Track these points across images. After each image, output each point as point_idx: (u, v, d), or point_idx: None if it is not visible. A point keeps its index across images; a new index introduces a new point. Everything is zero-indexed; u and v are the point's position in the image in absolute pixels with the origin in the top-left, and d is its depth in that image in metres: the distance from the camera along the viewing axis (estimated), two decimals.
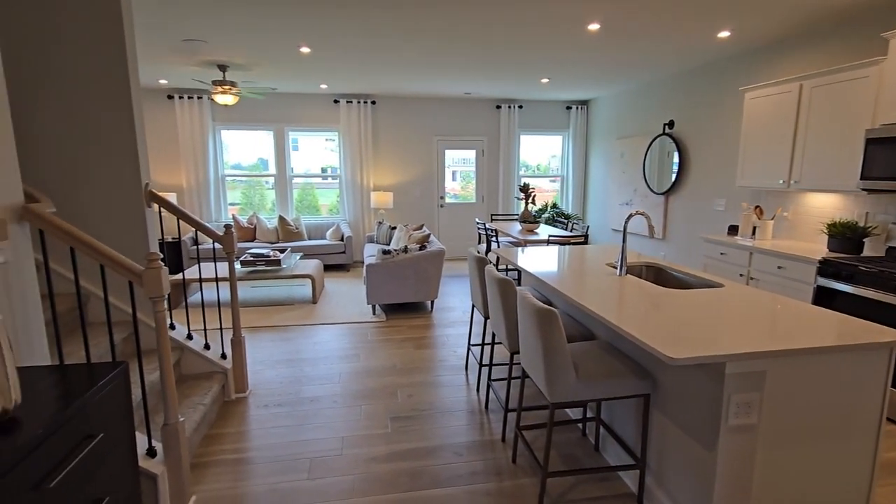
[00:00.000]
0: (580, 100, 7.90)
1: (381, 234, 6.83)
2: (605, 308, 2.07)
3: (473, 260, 3.19)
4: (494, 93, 7.15)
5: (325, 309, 5.11)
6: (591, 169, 7.99)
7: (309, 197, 7.88)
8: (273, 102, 7.19)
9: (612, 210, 7.18)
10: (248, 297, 5.60)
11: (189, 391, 2.84)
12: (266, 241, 6.94)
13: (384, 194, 7.26)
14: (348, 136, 7.35)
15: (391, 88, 6.81)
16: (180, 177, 7.11)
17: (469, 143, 7.87)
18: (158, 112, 6.92)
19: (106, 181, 2.71)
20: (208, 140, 7.00)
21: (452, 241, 8.08)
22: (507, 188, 7.96)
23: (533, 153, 8.33)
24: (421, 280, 4.91)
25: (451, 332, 4.44)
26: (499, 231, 5.87)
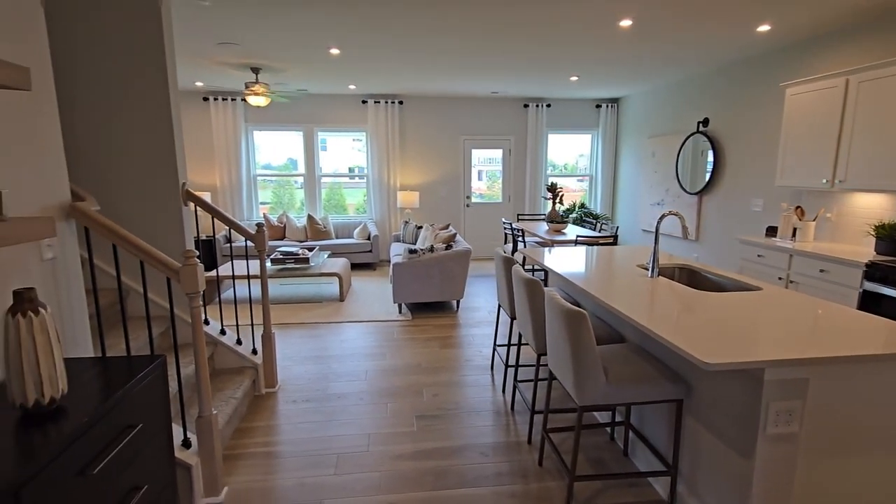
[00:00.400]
0: (610, 98, 7.76)
1: (407, 234, 6.87)
2: (635, 310, 2.02)
3: (500, 260, 3.17)
4: (522, 92, 7.09)
5: (352, 307, 5.17)
6: (620, 168, 7.83)
7: (336, 196, 8.01)
8: (303, 103, 7.32)
9: (643, 210, 7.03)
10: (278, 294, 5.72)
11: (222, 385, 2.92)
12: (295, 239, 7.08)
13: (410, 194, 7.30)
14: (375, 136, 7.42)
15: (418, 88, 6.84)
16: (214, 176, 7.32)
17: (496, 143, 7.84)
18: (194, 113, 7.14)
19: (145, 181, 2.81)
20: (241, 140, 7.19)
21: (478, 241, 8.06)
22: (534, 188, 7.88)
23: (561, 152, 8.22)
24: (447, 279, 4.92)
25: (477, 332, 4.42)
26: (525, 231, 5.83)
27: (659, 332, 1.75)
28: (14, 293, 1.26)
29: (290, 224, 7.11)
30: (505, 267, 3.09)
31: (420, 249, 4.89)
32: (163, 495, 1.67)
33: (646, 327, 1.82)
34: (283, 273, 5.24)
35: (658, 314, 1.97)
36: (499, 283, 3.30)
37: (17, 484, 1.03)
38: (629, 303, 2.15)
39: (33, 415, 1.29)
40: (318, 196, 7.67)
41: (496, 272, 3.36)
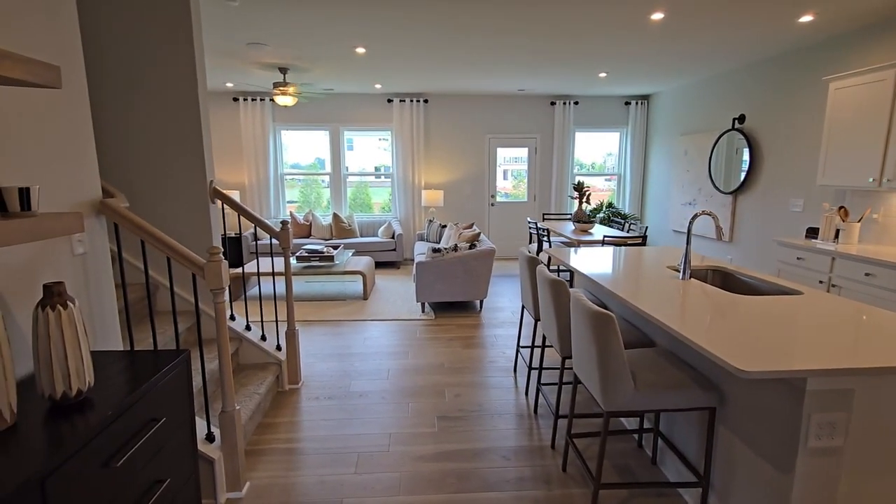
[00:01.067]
0: (640, 95, 7.56)
1: (431, 233, 6.85)
2: (666, 314, 1.94)
3: (524, 260, 3.11)
4: (549, 89, 6.99)
5: (376, 305, 5.18)
6: (650, 167, 7.63)
7: (362, 195, 8.07)
8: (329, 103, 7.39)
9: (674, 210, 6.82)
10: (303, 291, 5.79)
11: (246, 380, 2.96)
12: (320, 237, 7.15)
13: (435, 192, 7.28)
14: (401, 135, 7.43)
15: (444, 87, 6.81)
16: (243, 175, 7.47)
17: (522, 141, 7.74)
18: (224, 114, 7.30)
19: (174, 179, 2.87)
20: (269, 140, 7.31)
21: (503, 241, 7.99)
22: (560, 187, 7.76)
23: (588, 150, 8.07)
24: (470, 279, 4.87)
25: (501, 333, 4.37)
26: (551, 231, 5.73)
27: (691, 337, 1.67)
28: (44, 287, 1.29)
29: (316, 222, 7.19)
30: (529, 267, 3.04)
31: (444, 248, 4.86)
32: (185, 489, 1.69)
33: (677, 332, 1.74)
34: (307, 271, 5.30)
35: (690, 318, 1.88)
36: (523, 283, 3.24)
37: (42, 473, 1.05)
38: (659, 306, 2.06)
39: (61, 406, 1.31)
40: (344, 195, 7.74)
41: (520, 272, 3.30)
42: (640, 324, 2.66)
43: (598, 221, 7.46)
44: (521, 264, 3.23)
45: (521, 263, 3.20)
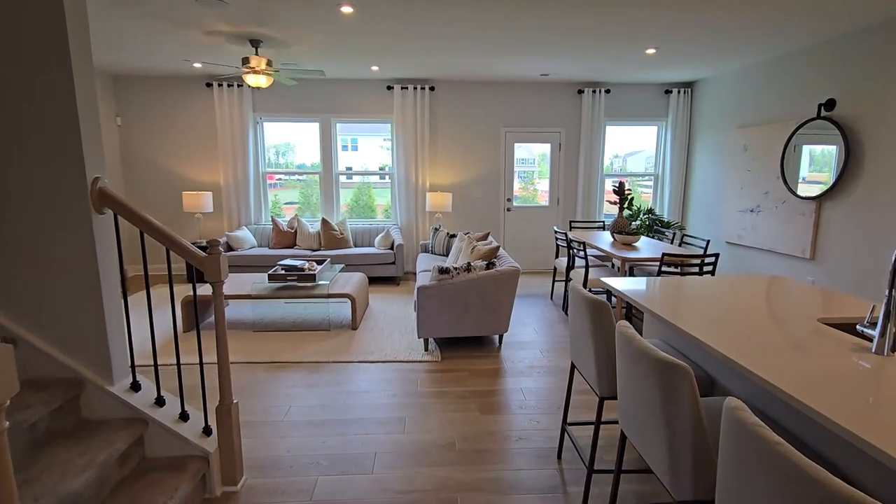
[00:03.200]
0: (683, 82, 6.43)
1: (437, 243, 5.76)
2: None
3: (583, 303, 2.01)
4: (578, 73, 5.87)
5: (367, 338, 4.09)
6: (694, 166, 6.49)
7: (365, 196, 7.03)
8: (319, 90, 6.32)
9: (729, 219, 5.68)
10: (278, 317, 4.71)
11: (144, 492, 1.87)
12: (307, 247, 6.08)
13: (442, 195, 6.19)
14: (402, 128, 6.35)
15: (452, 71, 5.72)
16: (218, 174, 6.41)
17: (543, 136, 6.63)
18: (196, 101, 6.24)
19: (26, 180, 1.79)
20: (248, 132, 6.24)
21: (522, 252, 6.87)
22: (588, 189, 6.64)
23: (620, 147, 6.94)
24: (488, 309, 3.77)
25: (530, 386, 3.26)
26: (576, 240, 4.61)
27: None
28: None
29: (302, 230, 6.11)
30: (593, 316, 1.93)
31: (453, 268, 3.76)
32: None
33: None
34: (281, 293, 4.21)
35: None
36: (578, 337, 2.13)
37: None
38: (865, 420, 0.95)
39: None
40: (336, 197, 6.66)
41: (574, 319, 2.20)
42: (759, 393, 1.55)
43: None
44: (576, 307, 2.13)
45: (579, 307, 2.09)
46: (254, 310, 4.87)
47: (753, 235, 5.25)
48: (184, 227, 6.44)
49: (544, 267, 6.92)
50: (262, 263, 5.72)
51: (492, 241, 4.80)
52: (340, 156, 7.11)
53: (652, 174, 6.90)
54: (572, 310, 2.19)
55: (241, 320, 4.57)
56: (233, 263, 5.69)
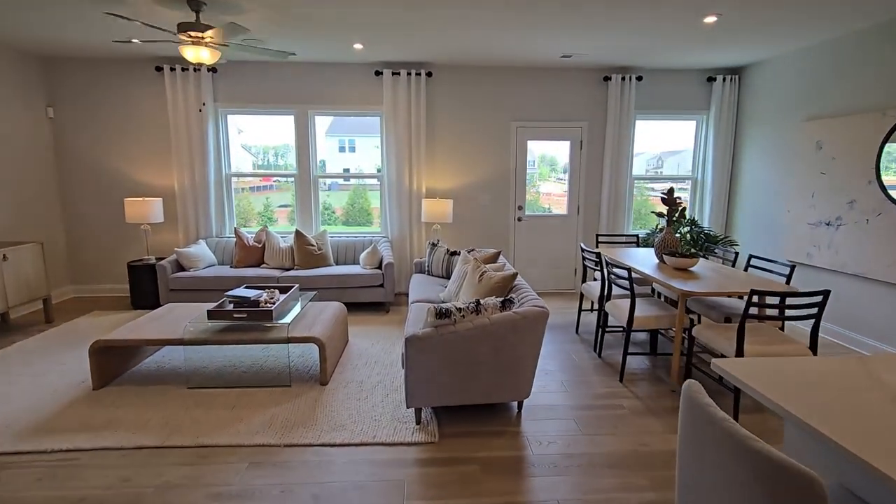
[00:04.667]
0: (729, 67, 5.38)
1: (434, 262, 4.69)
2: None
3: (739, 454, 0.92)
4: (605, 55, 4.82)
5: (339, 400, 3.02)
6: (741, 167, 5.43)
7: (361, 200, 6.01)
8: (293, 76, 5.26)
9: (793, 232, 4.62)
10: (226, 362, 3.64)
11: None
12: (277, 265, 5.00)
13: (440, 203, 5.12)
14: (394, 122, 5.29)
15: (453, 52, 4.66)
16: (172, 176, 5.34)
17: (562, 131, 5.57)
18: (143, 89, 5.18)
19: None
20: (207, 127, 5.18)
21: (536, 269, 5.80)
22: (615, 195, 5.57)
23: (650, 145, 5.89)
24: (503, 368, 2.71)
25: (564, 481, 2.19)
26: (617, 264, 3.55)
27: None
28: None
29: (272, 244, 5.04)
30: (763, 488, 0.85)
31: (455, 309, 2.69)
32: None
33: None
34: (224, 337, 3.14)
35: None
36: (687, 455, 1.05)
37: None
38: None
39: None
40: (315, 204, 5.59)
41: (690, 458, 1.12)
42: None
43: None
44: (710, 446, 1.05)
45: (723, 454, 1.01)
46: (195, 354, 3.79)
47: (830, 255, 4.18)
48: (128, 241, 5.37)
49: (561, 286, 5.85)
50: (219, 287, 4.65)
51: (504, 263, 3.73)
52: (337, 157, 6.07)
53: (689, 177, 5.84)
54: (695, 446, 1.12)
55: (175, 370, 3.49)
56: (181, 287, 4.61)
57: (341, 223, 6.12)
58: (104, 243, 5.35)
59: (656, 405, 3.01)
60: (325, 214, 5.96)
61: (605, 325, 3.80)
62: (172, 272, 4.68)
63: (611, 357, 3.78)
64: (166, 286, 4.62)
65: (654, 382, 3.33)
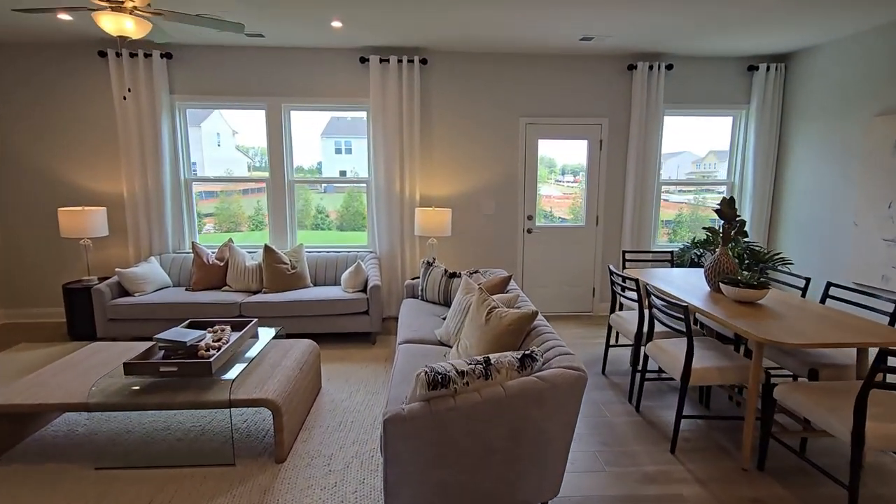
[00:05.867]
0: (773, 53, 4.61)
1: (430, 285, 3.89)
2: None
3: None
4: (631, 39, 4.04)
5: (298, 494, 2.22)
6: (788, 171, 4.65)
7: (356, 203, 5.26)
8: (264, 64, 4.47)
9: (863, 250, 3.84)
10: (153, 430, 2.83)
11: None
12: (242, 288, 4.20)
13: (436, 213, 4.32)
14: (382, 117, 4.50)
15: (453, 36, 3.88)
16: (120, 181, 4.53)
17: (579, 129, 4.79)
18: (88, 79, 4.38)
19: None
20: (161, 123, 4.38)
21: (548, 290, 5.00)
22: (639, 204, 4.79)
23: (676, 145, 5.11)
24: (522, 455, 1.91)
25: None
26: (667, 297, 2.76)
27: None
28: None
29: (236, 262, 4.23)
30: None
31: (456, 373, 1.89)
32: None
33: None
34: (144, 400, 2.33)
35: None
36: None
37: None
38: None
39: None
40: (290, 213, 4.79)
41: None
42: None
43: None
44: None
45: None
46: (107, 422, 2.95)
47: None
48: (69, 258, 4.56)
49: (576, 308, 5.05)
50: (170, 315, 3.84)
51: (517, 293, 2.93)
52: (334, 159, 5.31)
53: (723, 182, 5.05)
54: None
55: (90, 438, 2.68)
56: (123, 316, 3.81)
57: (336, 227, 5.34)
58: (40, 260, 4.54)
59: (728, 496, 2.21)
60: (318, 218, 5.21)
61: (645, 369, 3.00)
62: (112, 297, 3.88)
63: (652, 412, 2.98)
64: (104, 315, 3.81)
65: (717, 456, 2.53)
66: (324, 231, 5.33)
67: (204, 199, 4.93)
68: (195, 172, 4.81)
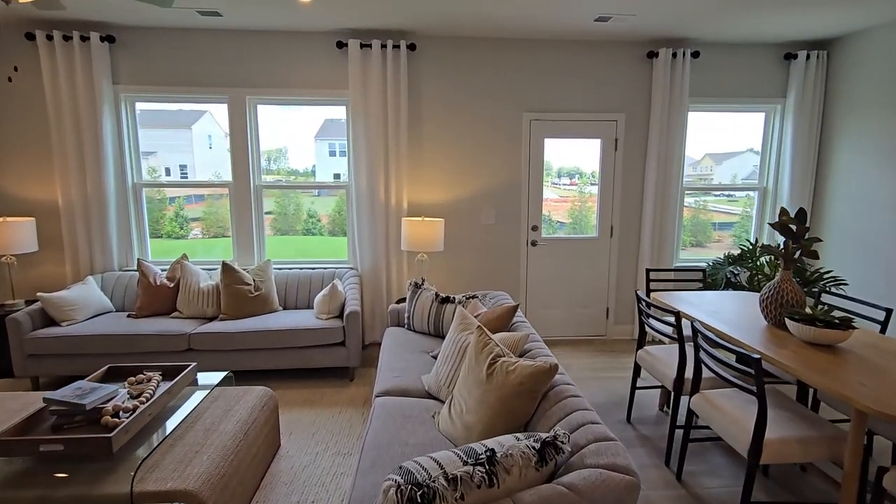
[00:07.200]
0: (813, 39, 4.01)
1: (418, 311, 3.23)
2: None
3: None
4: (651, 22, 3.43)
5: None
6: (831, 173, 4.05)
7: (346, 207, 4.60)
8: (225, 50, 3.82)
9: None
10: None
11: None
12: (194, 314, 3.53)
13: (427, 224, 3.67)
14: (364, 111, 3.86)
15: (446, 16, 3.25)
16: (54, 187, 3.86)
17: (592, 127, 4.16)
18: (13, 63, 3.71)
19: None
20: (102, 118, 3.71)
21: (555, 311, 4.37)
22: (661, 212, 4.17)
23: (701, 144, 4.50)
24: None
25: None
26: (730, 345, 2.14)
27: None
28: None
29: (188, 283, 3.57)
30: None
31: (444, 482, 1.25)
32: None
33: None
34: (10, 494, 1.66)
35: None
36: None
37: None
38: None
39: None
40: (256, 223, 4.13)
41: None
42: None
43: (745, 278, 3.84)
44: None
45: None
46: None
47: None
48: None
49: (588, 331, 4.42)
50: (104, 350, 3.17)
51: (528, 332, 2.29)
52: (328, 162, 4.71)
53: (753, 186, 4.44)
54: None
55: None
56: (45, 351, 3.13)
57: (328, 233, 4.69)
58: None
59: None
60: (309, 223, 4.57)
61: (690, 427, 2.36)
62: (34, 327, 3.20)
63: (699, 483, 2.34)
64: (21, 350, 3.13)
65: None
66: (314, 236, 4.71)
67: (193, 203, 4.49)
68: (185, 176, 4.20)
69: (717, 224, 4.75)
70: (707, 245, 4.76)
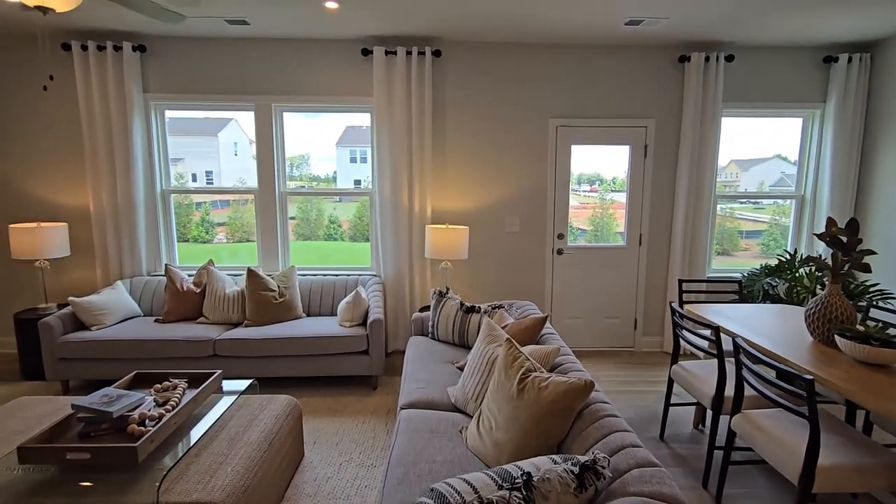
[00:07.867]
0: (854, 42, 3.84)
1: (442, 320, 3.17)
2: None
3: None
4: (684, 24, 3.32)
5: None
6: (874, 181, 3.87)
7: (368, 213, 4.55)
8: (251, 58, 3.86)
9: None
10: None
11: None
12: (220, 320, 3.54)
13: (451, 232, 3.62)
14: (388, 118, 3.84)
15: (472, 22, 3.21)
16: (86, 193, 3.95)
17: (619, 133, 4.06)
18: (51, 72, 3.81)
19: None
20: (133, 126, 3.78)
21: (581, 322, 4.26)
22: (693, 221, 4.04)
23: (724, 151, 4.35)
24: None
25: None
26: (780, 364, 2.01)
27: None
28: None
29: (214, 289, 3.59)
30: None
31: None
32: None
33: None
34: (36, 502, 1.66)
35: None
36: None
37: None
38: None
39: None
40: (281, 230, 4.15)
41: None
42: None
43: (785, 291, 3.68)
44: None
45: None
46: None
47: None
48: (19, 282, 3.96)
49: (615, 343, 4.29)
50: (133, 354, 3.20)
51: (557, 343, 2.22)
52: (349, 168, 4.74)
53: (790, 195, 4.27)
54: None
55: None
56: (76, 355, 3.17)
57: (349, 238, 4.69)
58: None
59: None
60: (330, 228, 4.58)
61: (731, 448, 2.24)
62: (65, 331, 3.25)
63: None
64: (52, 353, 3.18)
65: None
66: (336, 241, 4.72)
67: (219, 209, 4.57)
68: (211, 182, 4.28)
69: (743, 232, 4.59)
70: (734, 254, 4.60)
